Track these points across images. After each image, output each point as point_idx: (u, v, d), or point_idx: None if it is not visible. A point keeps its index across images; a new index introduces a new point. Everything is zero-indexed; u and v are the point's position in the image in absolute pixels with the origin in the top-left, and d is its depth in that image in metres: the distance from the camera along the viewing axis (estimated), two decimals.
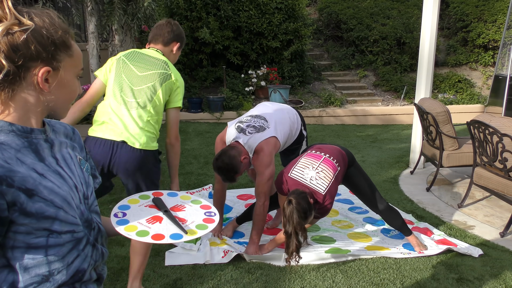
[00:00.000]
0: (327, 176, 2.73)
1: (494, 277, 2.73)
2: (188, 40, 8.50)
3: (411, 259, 2.93)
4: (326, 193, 2.68)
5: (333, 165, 2.78)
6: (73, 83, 0.99)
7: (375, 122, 8.37)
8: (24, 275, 0.91)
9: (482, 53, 9.81)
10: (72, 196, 0.98)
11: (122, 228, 1.11)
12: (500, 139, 3.38)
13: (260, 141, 2.92)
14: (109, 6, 6.32)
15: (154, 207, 1.23)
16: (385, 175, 4.90)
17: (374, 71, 9.88)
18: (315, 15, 11.27)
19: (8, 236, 0.89)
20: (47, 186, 0.91)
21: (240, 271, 2.75)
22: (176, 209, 1.24)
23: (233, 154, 2.87)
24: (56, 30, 0.92)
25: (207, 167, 5.07)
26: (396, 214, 3.09)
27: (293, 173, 2.77)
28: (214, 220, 1.21)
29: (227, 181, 2.94)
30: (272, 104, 3.32)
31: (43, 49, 0.90)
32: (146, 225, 1.14)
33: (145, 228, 1.13)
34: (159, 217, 1.18)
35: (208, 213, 1.25)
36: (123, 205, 1.24)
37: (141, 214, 1.19)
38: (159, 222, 1.16)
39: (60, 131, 1.09)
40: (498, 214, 3.81)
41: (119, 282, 2.60)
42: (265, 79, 8.57)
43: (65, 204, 0.95)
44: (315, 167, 2.77)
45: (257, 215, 2.97)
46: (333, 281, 2.66)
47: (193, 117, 7.83)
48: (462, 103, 8.88)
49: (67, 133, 1.12)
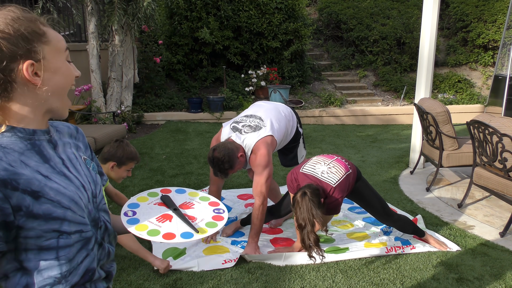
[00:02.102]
0: (339, 171, 2.70)
1: (494, 277, 2.73)
2: (188, 40, 8.50)
3: (411, 259, 2.94)
4: (336, 186, 2.64)
5: (345, 165, 2.77)
6: (65, 67, 0.97)
7: (375, 122, 8.37)
8: (37, 277, 0.91)
9: (482, 53, 9.81)
10: (79, 195, 0.97)
11: (133, 228, 1.11)
12: (499, 139, 3.38)
13: (257, 141, 2.90)
14: (109, 6, 6.32)
15: (163, 205, 1.23)
16: (385, 175, 4.91)
17: (374, 71, 9.88)
18: (315, 15, 11.27)
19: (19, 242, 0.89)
20: (53, 187, 0.91)
21: (240, 271, 2.75)
22: (185, 206, 1.24)
23: (230, 147, 2.84)
24: (21, 23, 0.90)
25: (207, 167, 5.07)
26: (407, 222, 3.07)
27: (304, 169, 2.75)
28: (223, 218, 1.21)
29: (220, 175, 2.87)
30: (266, 103, 3.30)
31: (15, 47, 0.88)
32: (157, 224, 1.14)
33: (155, 227, 1.12)
34: (169, 215, 1.18)
35: (217, 210, 1.25)
36: (133, 203, 1.23)
37: (151, 212, 1.19)
38: (169, 221, 1.16)
39: (63, 131, 1.09)
40: (498, 214, 3.81)
41: (119, 282, 2.61)
42: (265, 79, 8.57)
43: (73, 204, 0.95)
44: (327, 163, 2.76)
45: (256, 215, 2.96)
46: (333, 281, 2.66)
47: (193, 117, 7.83)
48: (462, 103, 8.88)
49: (71, 133, 1.11)
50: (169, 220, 1.16)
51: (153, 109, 7.92)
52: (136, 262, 2.83)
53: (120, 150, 2.65)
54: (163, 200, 1.24)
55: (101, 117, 6.62)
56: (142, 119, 7.55)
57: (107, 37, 7.11)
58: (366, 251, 3.00)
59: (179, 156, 5.56)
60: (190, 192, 1.32)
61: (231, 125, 3.06)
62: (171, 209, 1.20)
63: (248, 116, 3.10)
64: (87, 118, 6.83)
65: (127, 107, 7.08)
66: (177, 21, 8.50)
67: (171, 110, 8.08)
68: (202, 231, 1.13)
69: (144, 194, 1.28)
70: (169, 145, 6.13)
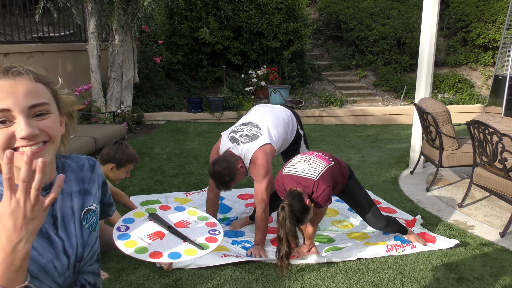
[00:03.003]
0: (319, 165, 2.71)
1: (494, 277, 2.73)
2: (188, 40, 8.50)
3: (411, 259, 2.94)
4: (319, 179, 2.63)
5: (325, 159, 2.78)
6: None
7: (375, 122, 8.37)
8: None
9: (482, 53, 9.81)
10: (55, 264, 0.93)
11: (122, 243, 1.09)
12: (499, 139, 3.38)
13: (255, 150, 2.92)
14: (109, 6, 6.32)
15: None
16: (385, 175, 4.91)
17: (374, 71, 9.88)
18: (315, 15, 11.27)
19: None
20: None
21: (240, 271, 2.75)
22: (180, 225, 1.21)
23: (231, 160, 2.88)
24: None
25: (207, 167, 5.07)
26: (394, 225, 3.05)
27: (286, 170, 2.77)
28: (217, 240, 1.17)
29: (222, 188, 2.91)
30: (264, 107, 3.30)
31: None
32: (147, 241, 1.12)
33: (144, 245, 1.10)
34: (161, 233, 1.16)
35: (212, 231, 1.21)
36: (128, 218, 1.21)
37: (144, 229, 1.17)
38: (160, 239, 1.13)
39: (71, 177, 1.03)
40: (498, 214, 3.81)
41: (119, 282, 2.61)
42: (265, 79, 8.57)
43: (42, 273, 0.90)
44: (307, 160, 2.77)
45: (259, 221, 2.99)
46: (333, 281, 2.66)
47: (193, 117, 7.83)
48: (462, 103, 8.88)
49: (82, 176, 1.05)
50: (161, 238, 1.14)
51: (153, 109, 7.92)
52: (136, 262, 2.83)
53: (119, 152, 2.66)
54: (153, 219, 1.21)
55: (101, 117, 6.62)
56: (142, 119, 7.55)
57: (107, 37, 7.11)
58: (366, 250, 3.01)
59: (179, 156, 5.56)
60: (189, 211, 1.29)
61: (229, 135, 3.09)
62: (165, 227, 1.18)
63: (245, 124, 3.12)
64: (87, 118, 6.83)
65: (127, 107, 7.08)
66: (177, 21, 8.50)
67: (171, 110, 8.08)
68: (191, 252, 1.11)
69: (142, 210, 1.25)
70: (169, 145, 6.13)
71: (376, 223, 2.95)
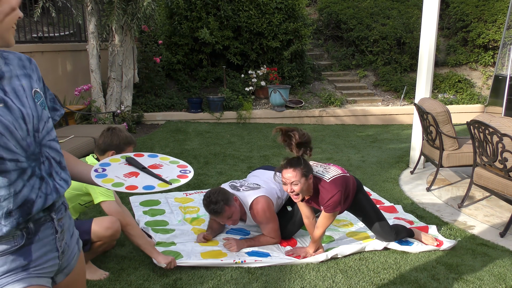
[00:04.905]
0: (334, 171, 2.78)
1: (494, 277, 2.73)
2: (188, 40, 8.50)
3: (411, 259, 2.93)
4: (331, 181, 2.69)
5: (341, 168, 2.86)
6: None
7: (375, 122, 8.37)
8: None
9: (482, 53, 9.81)
10: (15, 126, 1.01)
11: (100, 180, 1.21)
12: (500, 139, 3.38)
13: (254, 198, 3.01)
14: (109, 6, 6.32)
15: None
16: (385, 175, 4.90)
17: (374, 71, 9.88)
18: (315, 15, 11.27)
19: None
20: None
21: (240, 271, 2.75)
22: (154, 167, 1.34)
23: (227, 191, 2.99)
24: None
25: (207, 167, 5.07)
26: (402, 233, 3.09)
27: None
28: (187, 176, 1.30)
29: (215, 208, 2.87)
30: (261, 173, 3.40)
31: None
32: (123, 179, 1.24)
33: (121, 181, 1.23)
34: (136, 172, 1.29)
35: (183, 171, 1.34)
36: (104, 162, 1.34)
37: (120, 170, 1.30)
38: (135, 177, 1.26)
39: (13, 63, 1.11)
40: (498, 214, 3.81)
41: (119, 282, 2.60)
42: (265, 79, 8.57)
43: (7, 132, 0.99)
44: (323, 166, 2.86)
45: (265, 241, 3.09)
46: (333, 281, 2.66)
47: (193, 117, 7.83)
48: (462, 103, 8.88)
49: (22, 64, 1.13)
50: (135, 176, 1.26)
51: (153, 109, 7.92)
52: (136, 262, 2.83)
53: (115, 137, 2.58)
54: (130, 162, 1.34)
55: (101, 117, 6.62)
56: (142, 119, 7.55)
57: (107, 37, 7.10)
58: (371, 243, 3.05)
59: (179, 156, 5.55)
60: (161, 157, 1.43)
61: (229, 184, 3.24)
62: (139, 167, 1.31)
63: (245, 180, 3.30)
64: (87, 118, 6.83)
65: (127, 107, 7.08)
66: (177, 21, 8.49)
67: (171, 110, 8.08)
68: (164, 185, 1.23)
69: (117, 156, 1.38)
70: (169, 145, 6.12)
71: (386, 237, 3.01)
